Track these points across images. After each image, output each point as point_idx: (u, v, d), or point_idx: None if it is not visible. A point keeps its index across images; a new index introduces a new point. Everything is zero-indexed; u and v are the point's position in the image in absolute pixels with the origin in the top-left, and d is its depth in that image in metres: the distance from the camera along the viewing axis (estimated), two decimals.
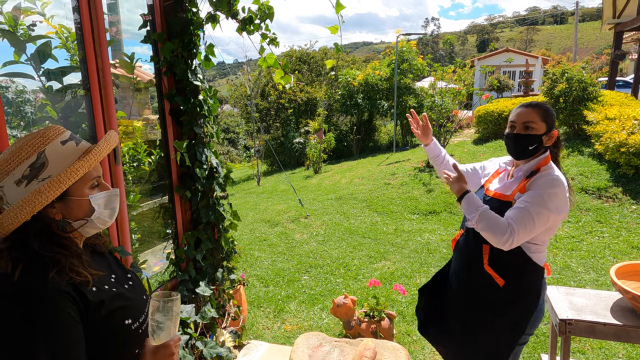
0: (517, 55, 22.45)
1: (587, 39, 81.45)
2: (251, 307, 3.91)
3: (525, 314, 1.72)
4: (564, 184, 1.60)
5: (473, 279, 1.80)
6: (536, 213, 1.54)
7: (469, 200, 1.66)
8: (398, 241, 5.44)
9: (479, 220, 1.61)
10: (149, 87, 4.91)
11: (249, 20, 2.28)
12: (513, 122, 1.74)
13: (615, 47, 11.92)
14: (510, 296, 1.71)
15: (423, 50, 35.85)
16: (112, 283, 1.05)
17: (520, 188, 1.68)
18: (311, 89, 15.91)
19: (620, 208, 5.46)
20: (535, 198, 1.57)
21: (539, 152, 1.72)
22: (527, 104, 1.74)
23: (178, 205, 2.51)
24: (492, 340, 1.76)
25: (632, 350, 2.93)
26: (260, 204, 8.35)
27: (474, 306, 1.80)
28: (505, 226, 1.55)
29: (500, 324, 1.74)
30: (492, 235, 1.59)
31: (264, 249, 5.51)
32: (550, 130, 1.69)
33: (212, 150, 2.64)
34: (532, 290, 1.72)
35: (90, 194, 1.02)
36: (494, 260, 1.71)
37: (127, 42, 2.33)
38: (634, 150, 5.77)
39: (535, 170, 1.69)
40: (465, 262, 1.85)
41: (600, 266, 4.28)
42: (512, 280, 1.70)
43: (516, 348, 1.75)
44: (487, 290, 1.74)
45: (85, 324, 0.93)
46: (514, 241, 1.55)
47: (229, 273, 2.85)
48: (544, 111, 1.70)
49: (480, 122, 10.25)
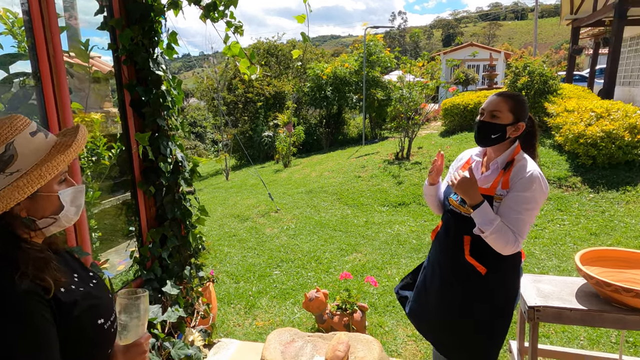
0: (481, 50, 23.02)
1: (546, 35, 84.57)
2: (221, 304, 3.83)
3: (509, 298, 1.78)
4: (540, 174, 1.65)
5: (456, 269, 1.82)
6: (529, 216, 1.63)
7: (484, 210, 1.62)
8: (369, 233, 5.46)
9: (493, 231, 1.61)
10: (109, 79, 4.69)
11: (213, 7, 2.19)
12: (483, 109, 1.75)
13: (573, 42, 12.39)
14: (493, 283, 1.75)
15: (390, 44, 36.23)
16: (77, 282, 0.99)
17: (502, 182, 1.69)
18: (279, 82, 15.74)
19: (579, 197, 5.68)
20: (523, 202, 1.62)
21: (505, 141, 1.73)
22: (501, 93, 1.76)
23: (141, 201, 2.40)
24: (481, 329, 1.78)
25: (592, 332, 3.05)
26: (229, 198, 8.20)
27: (460, 296, 1.82)
28: (512, 237, 1.61)
29: (487, 312, 1.77)
30: (502, 246, 1.62)
31: (234, 245, 5.41)
32: (517, 122, 1.71)
33: (177, 144, 2.53)
34: (513, 275, 1.78)
35: (58, 190, 0.95)
36: (475, 250, 1.74)
37: (85, 32, 2.18)
38: (591, 141, 6.02)
39: (510, 161, 1.72)
40: (447, 253, 1.87)
41: (562, 253, 4.45)
42: (494, 267, 1.73)
43: (505, 334, 1.80)
44: (471, 279, 1.77)
45: (59, 326, 0.88)
46: (519, 247, 1.64)
47: (197, 270, 2.76)
48: (514, 102, 1.71)
49: (447, 115, 10.44)
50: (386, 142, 11.57)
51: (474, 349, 1.81)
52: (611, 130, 5.90)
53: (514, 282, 1.78)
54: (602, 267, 1.93)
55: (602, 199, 5.52)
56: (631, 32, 12.22)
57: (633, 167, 5.97)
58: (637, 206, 5.22)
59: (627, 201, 5.37)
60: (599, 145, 5.95)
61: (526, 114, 1.74)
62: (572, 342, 2.97)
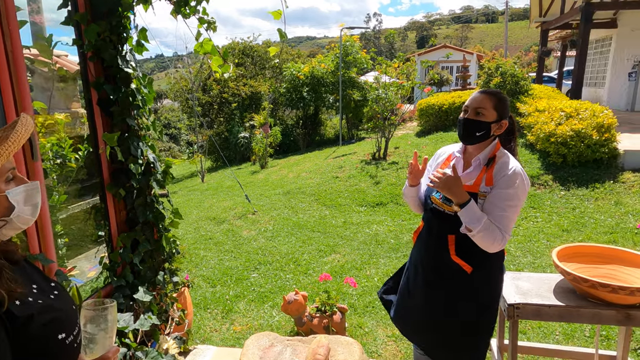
0: (454, 51, 23.43)
1: (515, 37, 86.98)
2: (197, 309, 3.72)
3: (494, 296, 1.78)
4: (520, 170, 1.67)
5: (441, 268, 1.79)
6: (514, 212, 1.64)
7: (471, 208, 1.61)
8: (347, 234, 5.44)
9: (481, 229, 1.59)
10: (77, 78, 4.51)
11: (184, 2, 2.11)
12: (467, 106, 1.75)
13: (542, 45, 12.74)
14: (478, 281, 1.75)
15: (366, 45, 36.44)
16: (35, 294, 0.91)
17: (486, 178, 1.68)
18: (255, 82, 15.59)
19: (551, 194, 5.82)
20: (508, 200, 1.62)
21: (489, 139, 1.74)
22: (484, 90, 1.76)
23: (111, 205, 2.29)
24: (470, 327, 1.77)
25: (567, 327, 3.10)
26: (205, 201, 8.05)
27: (445, 295, 1.80)
28: (499, 234, 1.60)
29: (474, 310, 1.76)
30: (489, 243, 1.61)
31: (210, 248, 5.29)
32: (500, 119, 1.71)
33: (149, 144, 2.44)
34: (498, 273, 1.78)
35: (6, 189, 0.87)
36: (460, 249, 1.73)
37: (53, 31, 2.07)
38: (562, 140, 6.17)
39: (492, 157, 1.72)
40: (430, 252, 1.84)
41: (536, 249, 4.53)
42: (479, 266, 1.73)
43: (492, 331, 1.81)
44: (456, 278, 1.76)
45: (13, 343, 0.80)
46: (504, 245, 1.64)
47: (171, 275, 2.66)
48: (498, 100, 1.71)
49: (423, 115, 10.56)
50: (363, 143, 11.61)
51: (461, 348, 1.80)
52: (580, 129, 6.07)
53: (498, 280, 1.78)
54: (578, 263, 1.95)
55: (573, 196, 5.67)
56: (596, 35, 12.67)
57: (601, 165, 6.15)
58: (606, 203, 5.38)
59: (596, 198, 5.53)
60: (569, 144, 6.12)
61: (508, 112, 1.75)
62: (548, 337, 3.02)
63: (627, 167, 6.04)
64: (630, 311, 1.70)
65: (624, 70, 11.67)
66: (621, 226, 4.79)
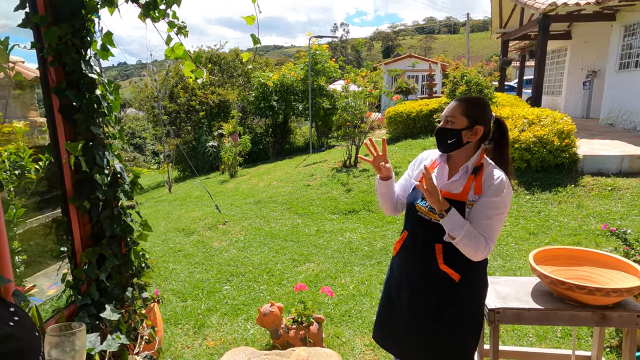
0: (419, 61, 24.01)
1: (476, 47, 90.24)
2: (167, 325, 3.57)
3: (480, 302, 1.78)
4: (505, 179, 1.66)
5: (428, 277, 1.77)
6: (498, 221, 1.63)
7: (452, 217, 1.59)
8: (320, 242, 5.39)
9: (464, 237, 1.58)
10: (35, 86, 4.27)
11: (153, 5, 2.02)
12: (443, 115, 1.75)
13: (503, 55, 13.25)
14: (466, 289, 1.74)
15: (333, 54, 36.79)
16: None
17: (475, 187, 1.66)
18: (223, 90, 15.39)
19: (517, 199, 5.99)
20: (494, 208, 1.62)
21: (467, 145, 1.71)
22: (458, 98, 1.76)
23: (74, 218, 2.15)
24: (459, 334, 1.76)
25: (539, 329, 3.17)
26: (172, 212, 7.81)
27: (433, 303, 1.78)
28: (484, 242, 1.59)
29: (463, 318, 1.75)
30: (472, 251, 1.60)
31: (180, 260, 5.11)
32: (473, 126, 1.68)
33: (115, 153, 2.31)
34: (482, 279, 1.78)
35: None
36: (448, 257, 1.71)
37: (12, 38, 1.93)
38: (525, 146, 6.39)
39: (479, 165, 1.70)
40: (417, 262, 1.80)
41: (506, 252, 4.63)
42: (466, 274, 1.72)
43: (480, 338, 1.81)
44: (443, 286, 1.74)
45: None
46: (487, 254, 1.62)
47: (140, 291, 2.53)
48: (468, 106, 1.69)
49: (391, 123, 10.72)
50: (333, 150, 11.64)
51: (448, 355, 1.79)
52: (542, 135, 6.30)
53: (483, 287, 1.79)
54: (554, 265, 1.99)
55: (538, 200, 5.86)
56: (553, 46, 13.31)
57: (562, 169, 6.40)
58: (568, 206, 5.59)
59: (559, 201, 5.73)
60: (532, 150, 6.33)
61: (485, 118, 1.71)
62: (522, 340, 3.07)
63: (587, 172, 6.32)
64: (605, 312, 1.73)
65: (579, 80, 12.28)
66: (584, 228, 4.98)
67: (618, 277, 1.84)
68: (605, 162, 6.31)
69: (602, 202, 5.54)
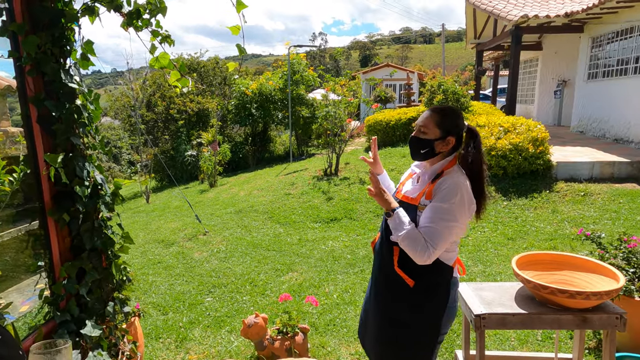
0: (396, 70, 24.39)
1: (451, 57, 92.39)
2: (148, 339, 3.48)
3: (438, 312, 1.77)
4: (462, 188, 1.64)
5: (388, 281, 1.82)
6: (444, 227, 1.60)
7: (397, 218, 1.65)
8: (303, 251, 5.38)
9: (404, 238, 1.62)
10: (7, 95, 4.14)
11: (137, 15, 2.00)
12: (416, 124, 1.80)
13: (478, 64, 13.60)
14: (421, 296, 1.75)
15: (312, 63, 37.06)
16: None
17: (426, 192, 1.70)
18: (203, 99, 15.26)
19: (495, 205, 6.13)
20: (440, 213, 1.61)
21: (438, 155, 1.76)
22: (431, 108, 1.79)
23: (53, 232, 2.09)
24: (412, 342, 1.78)
25: (521, 333, 3.22)
26: (151, 223, 7.65)
27: (391, 308, 1.82)
28: (424, 245, 1.59)
29: (416, 325, 1.77)
30: (412, 252, 1.62)
31: (160, 272, 5.01)
32: (446, 136, 1.71)
33: (95, 164, 2.26)
34: (442, 289, 1.76)
35: None
36: (404, 261, 1.73)
37: None
38: (502, 153, 6.55)
39: (440, 173, 1.72)
40: (380, 264, 1.88)
41: (485, 258, 4.72)
42: (421, 280, 1.73)
43: (436, 347, 1.80)
44: (400, 292, 1.77)
45: None
46: (432, 257, 1.61)
47: (122, 305, 2.46)
48: (441, 116, 1.73)
49: (371, 131, 10.82)
50: (314, 159, 11.67)
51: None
52: (518, 143, 6.48)
53: (444, 296, 1.76)
54: (535, 270, 2.04)
55: (514, 206, 6.00)
56: (525, 57, 13.74)
57: (537, 175, 6.59)
58: (544, 211, 5.75)
59: (535, 207, 5.89)
60: (509, 157, 6.50)
61: (457, 128, 1.73)
62: (505, 344, 3.12)
63: (560, 178, 6.52)
64: (586, 315, 1.78)
65: (550, 89, 12.71)
66: (559, 233, 5.13)
67: (597, 281, 1.90)
68: (578, 169, 6.53)
69: (576, 207, 5.72)
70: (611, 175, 6.49)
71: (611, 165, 6.50)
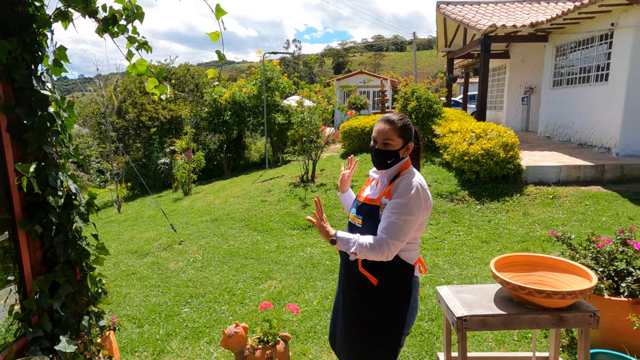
0: (369, 77, 24.72)
1: (423, 65, 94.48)
2: (123, 353, 3.37)
3: (400, 312, 1.85)
4: (419, 185, 1.77)
5: (352, 280, 1.92)
6: (403, 221, 1.71)
7: (340, 240, 1.74)
8: (281, 258, 5.34)
9: (357, 250, 1.71)
10: None
11: (112, 21, 1.96)
12: (375, 137, 1.89)
13: (449, 72, 13.93)
14: (384, 295, 1.84)
15: (286, 70, 37.19)
16: None
17: (386, 192, 1.83)
18: (175, 106, 15.01)
19: (468, 209, 6.27)
20: (398, 207, 1.73)
21: (400, 161, 1.90)
22: (386, 120, 1.88)
23: (24, 244, 2.00)
24: (374, 341, 1.86)
25: (497, 334, 3.30)
26: (123, 233, 7.44)
27: (354, 307, 1.90)
28: (381, 242, 1.70)
29: (379, 324, 1.85)
30: (374, 255, 1.71)
31: (134, 284, 4.87)
32: (407, 144, 1.88)
33: (69, 174, 2.19)
34: (404, 288, 1.86)
35: None
36: (367, 261, 1.82)
37: None
38: (474, 158, 6.72)
39: (397, 174, 1.87)
40: (346, 266, 1.97)
41: (461, 261, 4.82)
42: (384, 279, 1.83)
43: (399, 348, 1.89)
44: (364, 291, 1.87)
45: None
46: (393, 252, 1.71)
47: (97, 319, 2.38)
48: (400, 129, 1.86)
49: (346, 138, 10.90)
50: (290, 166, 11.64)
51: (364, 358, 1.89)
52: (489, 148, 6.67)
53: (407, 294, 1.86)
54: (512, 272, 2.10)
55: (487, 210, 6.16)
56: (493, 65, 14.19)
57: (508, 180, 6.79)
58: (516, 214, 5.92)
59: (507, 210, 6.06)
60: (481, 162, 6.68)
61: (412, 134, 1.90)
62: (483, 345, 3.18)
63: (530, 181, 6.74)
64: (562, 314, 1.84)
65: (518, 95, 13.15)
66: (530, 235, 5.29)
67: (571, 280, 1.97)
68: (546, 172, 6.77)
69: (545, 209, 5.92)
70: (577, 179, 6.76)
71: (577, 169, 6.77)
